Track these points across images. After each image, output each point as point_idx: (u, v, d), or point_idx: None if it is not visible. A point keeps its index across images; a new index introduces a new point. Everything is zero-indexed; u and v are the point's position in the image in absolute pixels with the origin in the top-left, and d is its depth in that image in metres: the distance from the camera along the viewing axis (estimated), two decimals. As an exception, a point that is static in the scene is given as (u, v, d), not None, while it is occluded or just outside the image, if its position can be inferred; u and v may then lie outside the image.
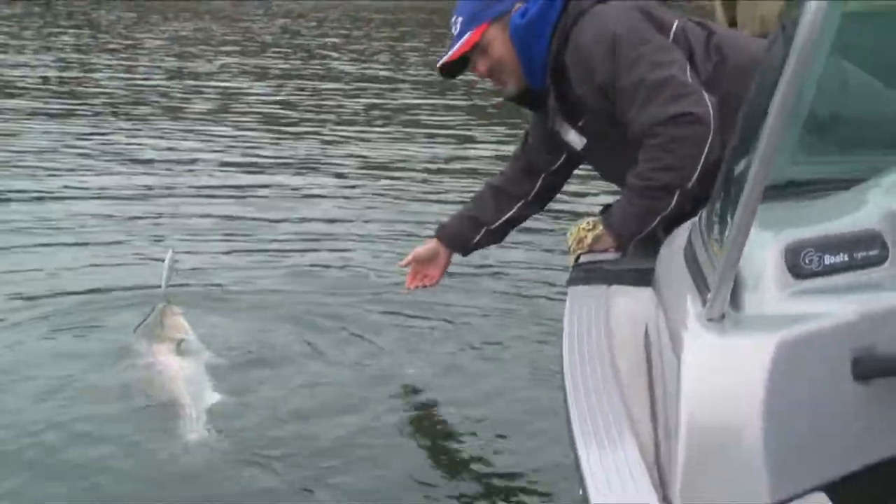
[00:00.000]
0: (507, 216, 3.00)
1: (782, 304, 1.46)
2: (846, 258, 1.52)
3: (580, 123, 2.64)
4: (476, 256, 3.40)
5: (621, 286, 2.14)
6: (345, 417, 3.12)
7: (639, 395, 1.70)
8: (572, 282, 2.29)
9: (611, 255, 2.44)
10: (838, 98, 2.14)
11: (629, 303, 2.03)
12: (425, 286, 3.18)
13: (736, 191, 1.54)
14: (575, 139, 2.67)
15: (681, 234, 2.01)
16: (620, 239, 2.47)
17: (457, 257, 3.15)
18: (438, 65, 2.73)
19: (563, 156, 2.85)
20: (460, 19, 2.65)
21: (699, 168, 2.31)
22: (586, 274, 2.27)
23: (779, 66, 1.30)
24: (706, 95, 2.35)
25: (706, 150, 2.30)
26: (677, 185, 2.35)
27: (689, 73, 2.39)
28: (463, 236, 3.06)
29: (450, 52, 2.67)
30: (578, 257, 2.46)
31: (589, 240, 2.49)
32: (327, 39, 18.79)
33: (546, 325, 3.75)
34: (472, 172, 7.00)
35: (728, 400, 1.37)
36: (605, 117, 2.53)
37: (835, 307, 1.43)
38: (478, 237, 3.04)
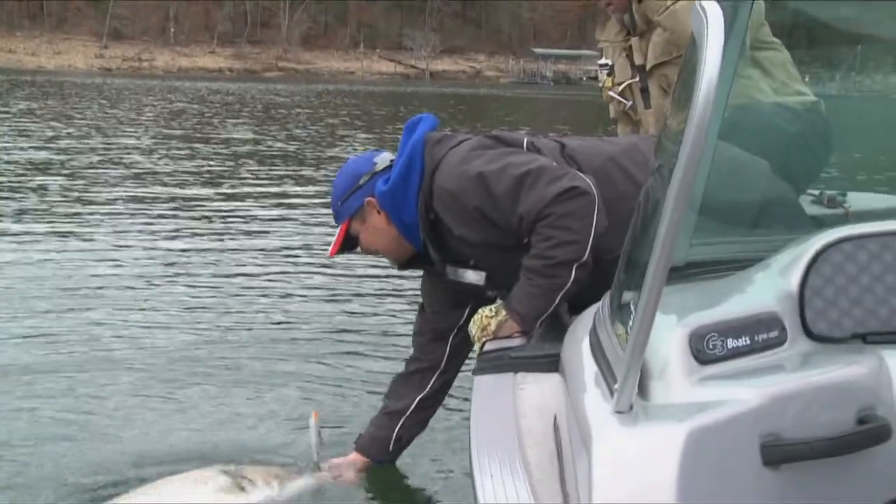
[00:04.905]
0: (422, 394, 2.97)
1: (689, 392, 1.45)
2: (748, 341, 1.53)
3: (472, 262, 2.70)
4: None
5: (528, 373, 2.12)
6: None
7: (550, 487, 1.67)
8: (478, 371, 2.25)
9: (516, 342, 2.42)
10: (728, 180, 2.19)
11: (537, 392, 2.00)
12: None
13: (637, 278, 1.54)
14: (475, 277, 2.72)
15: (585, 319, 2.00)
16: (525, 321, 2.46)
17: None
18: (329, 255, 2.82)
19: (470, 306, 2.87)
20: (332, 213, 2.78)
21: (591, 238, 2.38)
22: (492, 363, 2.24)
23: (674, 152, 1.32)
24: (580, 173, 2.44)
25: (595, 219, 2.38)
26: (574, 259, 2.41)
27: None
28: (379, 439, 3.00)
29: (331, 247, 2.78)
30: (483, 346, 2.43)
31: (493, 326, 2.47)
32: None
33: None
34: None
35: (639, 493, 1.35)
36: (492, 245, 2.58)
37: (740, 393, 1.43)
38: (396, 431, 2.98)
